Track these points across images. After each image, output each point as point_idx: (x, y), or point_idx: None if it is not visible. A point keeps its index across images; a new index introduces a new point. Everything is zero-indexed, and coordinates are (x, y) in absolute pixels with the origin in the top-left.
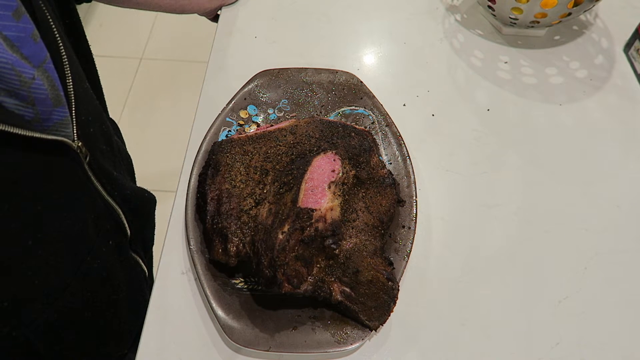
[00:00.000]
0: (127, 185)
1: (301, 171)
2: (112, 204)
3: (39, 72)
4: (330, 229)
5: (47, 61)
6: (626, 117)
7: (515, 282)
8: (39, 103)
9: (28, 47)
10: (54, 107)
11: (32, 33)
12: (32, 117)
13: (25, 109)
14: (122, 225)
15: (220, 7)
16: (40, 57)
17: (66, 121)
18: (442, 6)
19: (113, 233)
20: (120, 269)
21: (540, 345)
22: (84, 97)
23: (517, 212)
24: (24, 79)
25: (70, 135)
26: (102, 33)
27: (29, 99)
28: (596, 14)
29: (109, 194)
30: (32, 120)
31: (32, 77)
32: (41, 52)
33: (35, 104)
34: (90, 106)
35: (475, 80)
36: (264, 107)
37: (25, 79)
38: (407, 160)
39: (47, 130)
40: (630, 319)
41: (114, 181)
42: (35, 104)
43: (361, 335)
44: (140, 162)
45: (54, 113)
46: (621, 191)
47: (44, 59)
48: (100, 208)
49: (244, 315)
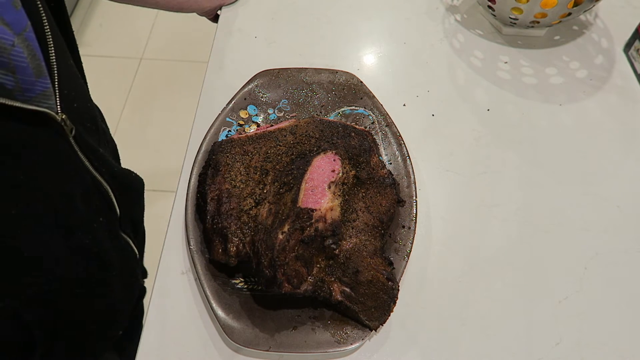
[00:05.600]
0: (114, 164)
1: (301, 171)
2: (99, 180)
3: (19, 39)
4: (330, 229)
5: (27, 29)
6: (626, 117)
7: (515, 282)
8: (19, 71)
9: (9, 13)
10: (36, 78)
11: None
12: (12, 87)
13: (5, 76)
14: (110, 203)
15: (220, 7)
16: (21, 25)
17: (48, 93)
18: (442, 6)
19: (102, 210)
20: (111, 247)
21: (540, 345)
22: (67, 71)
23: (517, 212)
24: (3, 45)
25: (53, 108)
26: (102, 33)
27: (9, 66)
28: (596, 14)
29: (96, 170)
30: (13, 90)
31: (12, 44)
32: (22, 19)
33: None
34: (74, 82)
35: (475, 80)
36: (264, 107)
37: (4, 44)
38: (407, 160)
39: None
40: (630, 319)
41: (100, 158)
42: (15, 72)
43: (361, 335)
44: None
45: (36, 84)
46: (621, 191)
47: (25, 27)
48: (88, 183)
49: (244, 315)
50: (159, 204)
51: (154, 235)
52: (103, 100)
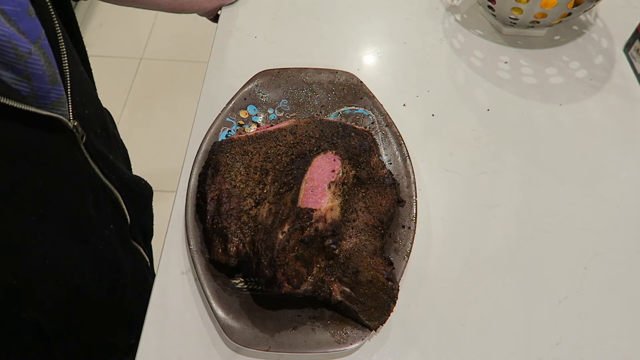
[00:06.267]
0: (124, 171)
1: (301, 171)
2: (109, 187)
3: (36, 47)
4: (330, 229)
5: (42, 37)
6: (626, 117)
7: (515, 282)
8: (35, 79)
9: (24, 22)
10: (52, 86)
11: (27, 9)
12: (28, 93)
13: (21, 83)
14: (121, 210)
15: (220, 7)
16: (36, 33)
17: (62, 100)
18: (442, 6)
19: (113, 216)
20: (123, 254)
21: (540, 345)
22: (79, 78)
23: (517, 212)
24: (21, 53)
25: (66, 114)
26: (102, 33)
27: (25, 73)
28: (596, 14)
29: (106, 177)
30: (28, 96)
31: (29, 51)
32: (37, 28)
33: (32, 79)
34: (85, 89)
35: (475, 80)
36: (264, 107)
37: (21, 52)
38: (407, 160)
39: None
40: (630, 319)
41: (110, 164)
42: (31, 79)
43: (361, 335)
44: (140, 162)
45: (52, 91)
46: (621, 191)
47: (40, 35)
48: (99, 190)
49: (244, 315)
50: (159, 204)
51: (154, 235)
52: (103, 101)
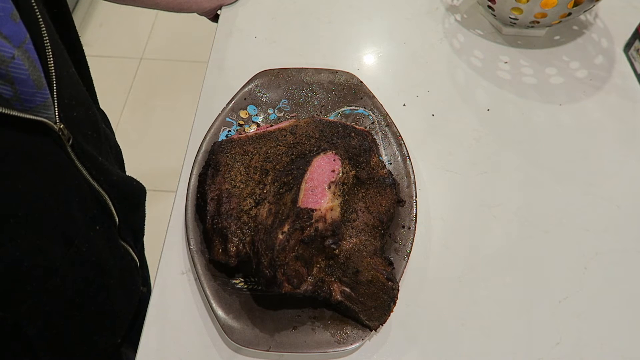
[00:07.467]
0: (114, 172)
1: (301, 171)
2: (97, 189)
3: (19, 51)
4: (330, 229)
5: (27, 42)
6: (626, 117)
7: (515, 282)
8: (18, 83)
9: (8, 26)
10: (37, 89)
11: (11, 13)
12: (10, 96)
13: (3, 86)
14: (109, 211)
15: (220, 7)
16: (20, 37)
17: (48, 103)
18: (442, 6)
19: (100, 218)
20: (110, 255)
21: (540, 345)
22: (68, 80)
23: (517, 212)
24: (3, 58)
25: (52, 117)
26: (102, 33)
27: (8, 77)
28: (596, 14)
29: (93, 179)
30: (11, 100)
31: (12, 56)
32: (21, 32)
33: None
34: (75, 90)
35: (475, 80)
36: (264, 107)
37: (4, 57)
38: (407, 160)
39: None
40: (630, 319)
41: (99, 166)
42: (14, 83)
43: (361, 335)
44: (141, 162)
45: (36, 95)
46: (621, 191)
47: (24, 39)
48: (85, 192)
49: (244, 315)
50: (159, 204)
51: (154, 235)
52: (103, 100)
